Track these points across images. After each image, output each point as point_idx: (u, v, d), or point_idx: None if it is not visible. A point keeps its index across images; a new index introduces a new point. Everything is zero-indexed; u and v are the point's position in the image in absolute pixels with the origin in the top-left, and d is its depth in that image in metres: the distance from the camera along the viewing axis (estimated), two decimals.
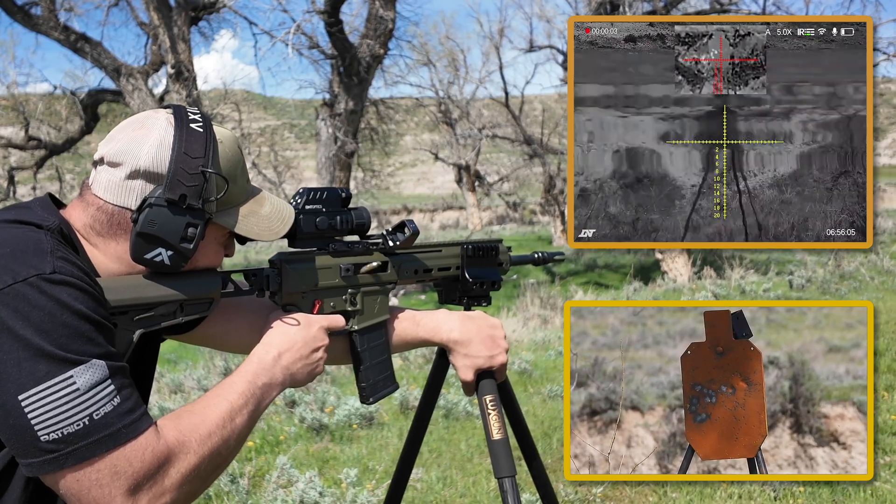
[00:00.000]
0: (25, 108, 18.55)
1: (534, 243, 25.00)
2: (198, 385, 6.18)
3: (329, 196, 1.37)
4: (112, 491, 0.98)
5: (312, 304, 1.35)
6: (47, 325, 0.97)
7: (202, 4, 13.43)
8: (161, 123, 1.16)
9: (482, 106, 27.83)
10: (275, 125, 60.52)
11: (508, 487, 1.42)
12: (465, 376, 1.50)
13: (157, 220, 1.11)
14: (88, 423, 0.97)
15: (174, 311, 1.19)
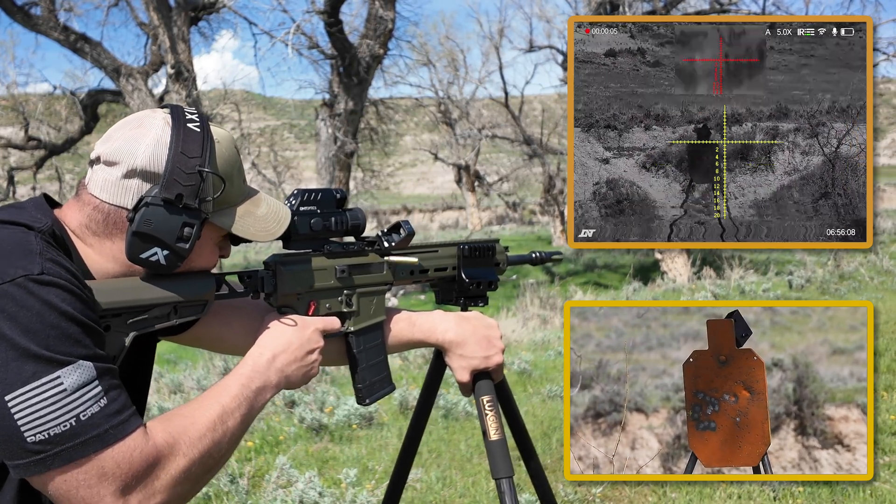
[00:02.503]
0: (25, 109, 18.56)
1: (533, 243, 25.01)
2: (197, 385, 6.18)
3: (324, 197, 1.36)
4: (101, 492, 0.97)
5: (308, 305, 1.34)
6: (35, 326, 0.96)
7: (202, 4, 13.43)
8: (158, 123, 1.16)
9: (482, 106, 27.84)
10: (274, 125, 60.59)
11: (506, 488, 1.42)
12: (461, 377, 1.49)
13: (153, 219, 1.10)
14: (75, 423, 0.96)
15: (168, 314, 1.18)
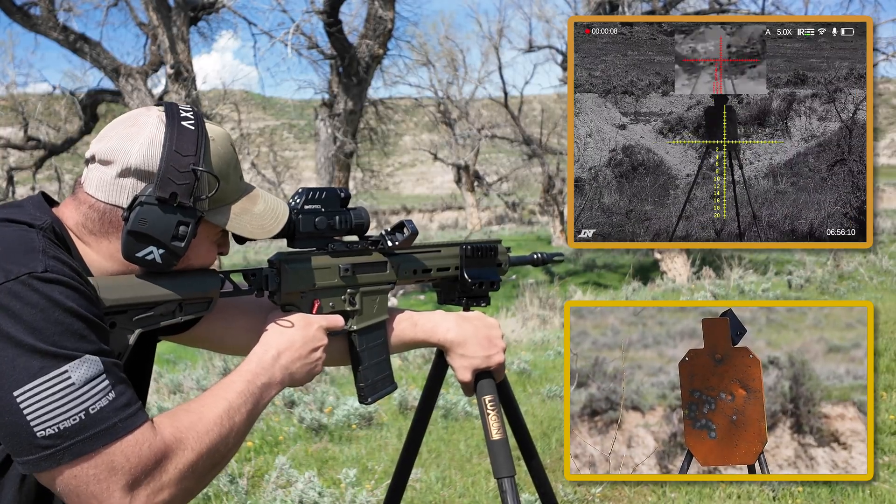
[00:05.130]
0: (24, 109, 18.55)
1: (533, 243, 25.00)
2: (196, 385, 6.18)
3: (328, 196, 1.37)
4: (110, 486, 0.98)
5: (311, 304, 1.35)
6: (40, 323, 0.96)
7: (201, 5, 13.43)
8: (152, 121, 1.16)
9: (481, 106, 27.83)
10: (274, 125, 60.60)
11: (508, 487, 1.42)
12: (462, 377, 1.50)
13: (147, 218, 1.10)
14: (84, 417, 0.96)
15: (173, 311, 1.18)
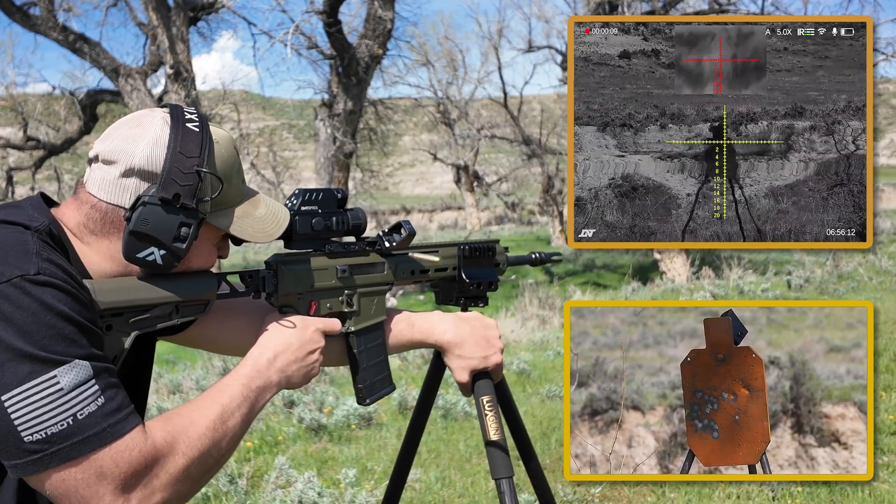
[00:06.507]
0: (24, 109, 18.54)
1: (532, 243, 25.00)
2: (196, 385, 6.17)
3: (325, 197, 1.36)
4: (99, 490, 0.97)
5: (308, 305, 1.34)
6: (30, 327, 0.96)
7: (201, 5, 13.44)
8: (157, 122, 1.15)
9: (481, 106, 27.83)
10: (273, 125, 60.61)
11: (506, 488, 1.42)
12: (460, 377, 1.49)
13: (150, 218, 1.10)
14: (72, 422, 0.96)
15: (170, 313, 1.18)
